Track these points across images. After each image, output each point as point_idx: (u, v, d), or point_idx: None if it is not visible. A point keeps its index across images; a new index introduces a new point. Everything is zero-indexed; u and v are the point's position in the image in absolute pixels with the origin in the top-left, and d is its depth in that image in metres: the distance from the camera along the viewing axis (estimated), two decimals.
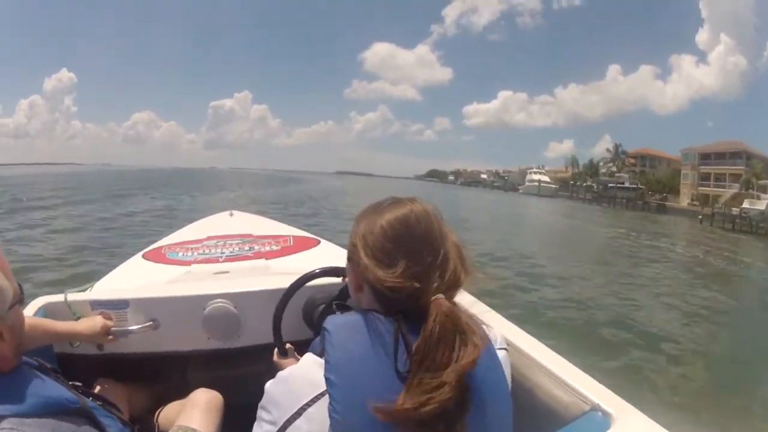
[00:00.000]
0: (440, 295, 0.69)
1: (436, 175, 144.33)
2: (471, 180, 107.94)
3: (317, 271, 1.35)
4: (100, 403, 0.94)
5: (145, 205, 17.71)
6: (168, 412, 1.33)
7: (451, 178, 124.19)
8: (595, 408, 0.91)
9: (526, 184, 65.06)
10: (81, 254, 8.22)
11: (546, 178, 65.75)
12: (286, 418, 0.70)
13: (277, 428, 0.70)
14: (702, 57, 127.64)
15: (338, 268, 1.33)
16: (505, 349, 0.85)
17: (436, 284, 0.70)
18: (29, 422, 0.68)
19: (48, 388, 0.77)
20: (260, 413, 0.75)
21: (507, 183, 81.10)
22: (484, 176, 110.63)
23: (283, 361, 1.24)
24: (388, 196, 0.82)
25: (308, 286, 1.36)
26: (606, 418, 0.89)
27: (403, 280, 0.70)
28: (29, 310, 1.34)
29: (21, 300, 0.79)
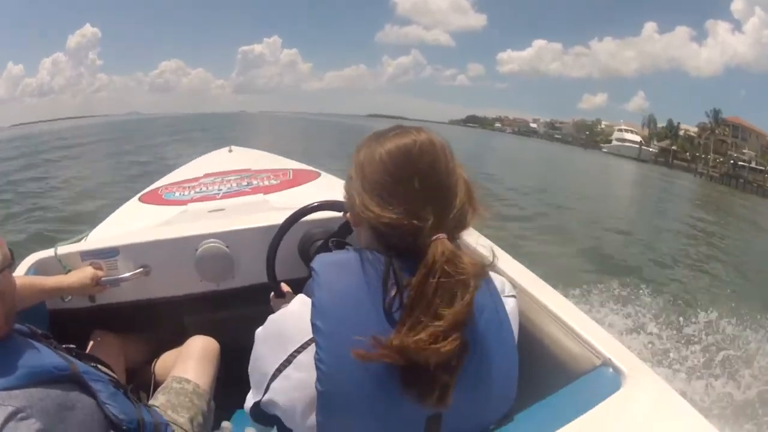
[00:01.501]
0: (441, 235, 0.63)
1: (476, 121, 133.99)
2: (523, 129, 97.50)
3: (314, 204, 1.29)
4: (94, 365, 0.94)
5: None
6: (164, 362, 1.33)
7: (498, 125, 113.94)
8: (607, 363, 0.87)
9: (614, 142, 54.79)
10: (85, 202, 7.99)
11: (638, 138, 55.31)
12: (276, 366, 0.66)
13: (268, 377, 0.67)
14: (737, 25, 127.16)
15: (337, 202, 1.26)
16: (513, 296, 0.79)
17: (438, 223, 0.64)
18: (16, 394, 0.68)
19: (37, 356, 0.77)
20: (251, 361, 0.73)
21: (588, 138, 71.30)
22: (533, 125, 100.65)
23: (279, 302, 1.20)
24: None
25: (305, 220, 1.30)
26: (617, 375, 0.84)
27: (401, 216, 0.64)
28: (20, 269, 1.33)
29: (11, 264, 0.78)
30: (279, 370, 0.66)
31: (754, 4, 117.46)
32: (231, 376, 0.93)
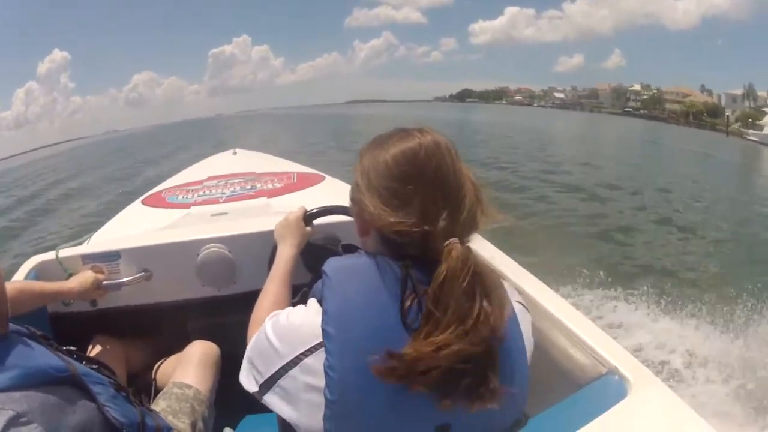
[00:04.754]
0: (454, 239, 0.64)
1: (473, 96, 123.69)
2: (568, 102, 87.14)
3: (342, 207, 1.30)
4: (94, 367, 0.96)
5: None
6: (165, 367, 1.36)
7: (519, 97, 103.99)
8: (613, 372, 0.89)
9: None
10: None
11: None
12: (281, 365, 0.68)
13: (270, 374, 0.69)
14: None
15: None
16: (521, 303, 0.80)
17: (449, 227, 0.65)
18: (16, 397, 0.68)
19: (36, 357, 0.77)
20: (253, 353, 0.74)
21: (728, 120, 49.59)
22: (559, 95, 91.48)
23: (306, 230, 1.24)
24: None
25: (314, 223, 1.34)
26: (623, 383, 0.87)
27: (413, 222, 0.65)
28: (21, 272, 1.38)
29: None
30: (285, 369, 0.67)
31: None
32: (232, 381, 0.92)
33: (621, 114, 69.84)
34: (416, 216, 0.65)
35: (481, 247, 0.67)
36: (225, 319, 1.42)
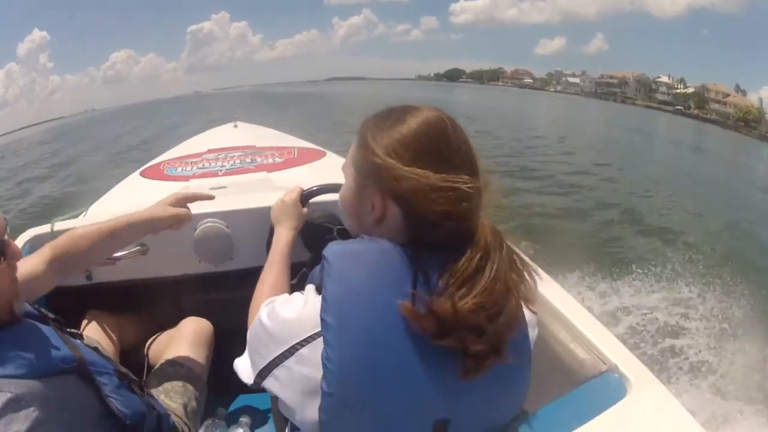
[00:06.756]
0: (486, 220, 0.64)
1: (465, 76, 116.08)
2: (598, 89, 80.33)
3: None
4: (98, 353, 0.95)
5: None
6: (158, 344, 1.36)
7: (529, 80, 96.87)
8: (613, 370, 0.89)
9: None
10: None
11: None
12: (276, 354, 0.66)
13: (266, 363, 0.68)
14: None
15: None
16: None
17: (479, 205, 0.65)
18: (20, 383, 0.69)
19: (45, 346, 0.77)
20: (250, 342, 0.74)
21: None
22: (575, 80, 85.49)
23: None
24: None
25: (312, 201, 1.32)
26: (623, 382, 0.86)
27: (464, 179, 0.62)
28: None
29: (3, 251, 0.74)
30: (280, 359, 0.66)
31: None
32: (225, 359, 0.91)
33: (673, 112, 63.47)
34: (462, 175, 0.63)
35: None
36: (221, 295, 1.44)
